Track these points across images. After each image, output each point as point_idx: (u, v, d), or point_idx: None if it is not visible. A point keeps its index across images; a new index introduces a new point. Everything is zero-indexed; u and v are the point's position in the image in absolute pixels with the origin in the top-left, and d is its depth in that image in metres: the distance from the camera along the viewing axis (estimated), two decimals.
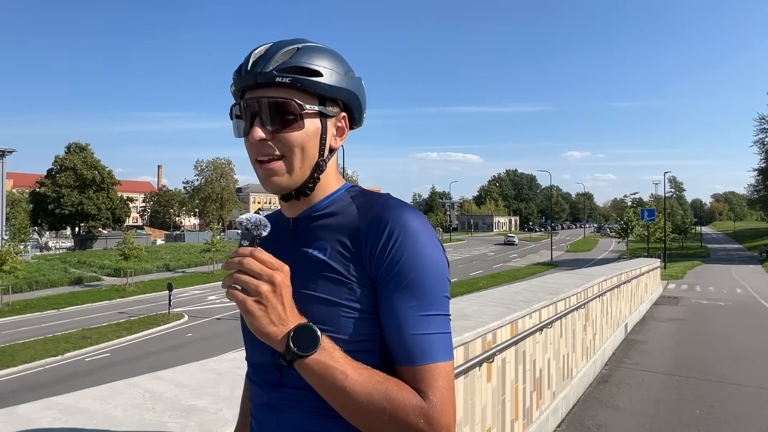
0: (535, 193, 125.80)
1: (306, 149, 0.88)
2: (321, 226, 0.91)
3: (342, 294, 0.84)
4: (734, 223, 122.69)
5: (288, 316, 0.78)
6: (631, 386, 6.23)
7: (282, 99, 0.86)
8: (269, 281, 0.76)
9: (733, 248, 65.55)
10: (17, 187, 65.90)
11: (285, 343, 0.77)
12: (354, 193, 0.95)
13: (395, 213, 0.85)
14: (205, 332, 19.73)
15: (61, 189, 51.86)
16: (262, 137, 0.86)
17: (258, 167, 0.89)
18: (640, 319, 11.10)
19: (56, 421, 1.57)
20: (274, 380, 0.89)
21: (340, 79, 0.90)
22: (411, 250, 0.83)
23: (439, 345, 0.82)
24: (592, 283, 6.44)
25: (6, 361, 15.80)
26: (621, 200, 78.13)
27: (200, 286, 32.45)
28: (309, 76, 0.87)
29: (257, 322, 0.76)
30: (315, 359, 0.77)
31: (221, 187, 74.48)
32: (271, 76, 0.85)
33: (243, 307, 0.76)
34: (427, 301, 0.83)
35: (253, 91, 0.88)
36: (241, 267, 0.76)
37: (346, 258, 0.86)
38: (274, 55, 0.87)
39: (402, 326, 0.82)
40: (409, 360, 0.81)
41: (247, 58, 0.90)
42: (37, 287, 29.95)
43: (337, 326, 0.83)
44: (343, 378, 0.77)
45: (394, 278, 0.82)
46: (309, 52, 0.88)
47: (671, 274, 28.16)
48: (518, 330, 3.74)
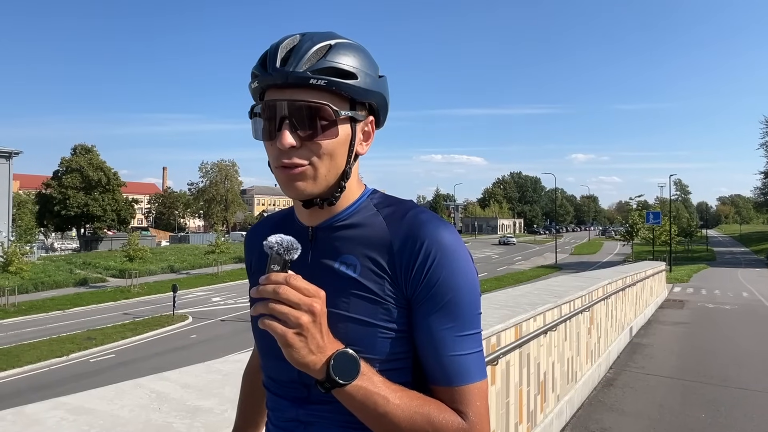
0: (539, 196, 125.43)
1: (335, 157, 0.83)
2: (345, 237, 0.86)
3: (378, 315, 0.82)
4: (740, 226, 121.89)
5: (326, 344, 0.74)
6: (636, 390, 6.20)
7: (317, 104, 0.79)
8: (309, 311, 0.72)
9: (739, 251, 65.12)
10: (24, 189, 66.33)
11: (325, 372, 0.74)
12: (377, 200, 0.91)
13: (430, 229, 0.82)
14: (210, 333, 19.77)
15: (67, 190, 52.13)
16: (292, 144, 0.79)
17: (280, 172, 0.83)
18: (646, 323, 11.05)
19: (64, 420, 1.58)
20: (301, 396, 0.86)
21: (372, 82, 0.84)
22: (448, 270, 0.81)
23: (475, 365, 0.82)
24: (597, 286, 6.42)
25: (12, 362, 15.89)
26: (626, 203, 77.85)
27: (205, 288, 32.53)
28: (343, 78, 0.80)
29: (297, 353, 0.72)
30: (356, 386, 0.75)
31: (226, 188, 74.69)
32: (305, 77, 0.78)
33: (282, 340, 0.72)
34: (464, 321, 0.82)
35: (281, 90, 0.81)
36: (277, 297, 0.71)
37: (380, 276, 0.82)
38: (306, 52, 0.79)
39: (439, 347, 0.80)
40: (446, 381, 0.80)
41: (274, 53, 0.81)
42: (43, 288, 30.07)
43: (372, 347, 0.81)
44: (384, 403, 0.75)
45: (431, 299, 0.81)
46: (342, 50, 0.82)
47: (677, 278, 28.00)
48: (522, 333, 3.73)
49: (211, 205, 74.48)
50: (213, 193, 73.96)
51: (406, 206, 0.88)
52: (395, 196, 0.92)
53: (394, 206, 0.89)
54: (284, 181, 0.83)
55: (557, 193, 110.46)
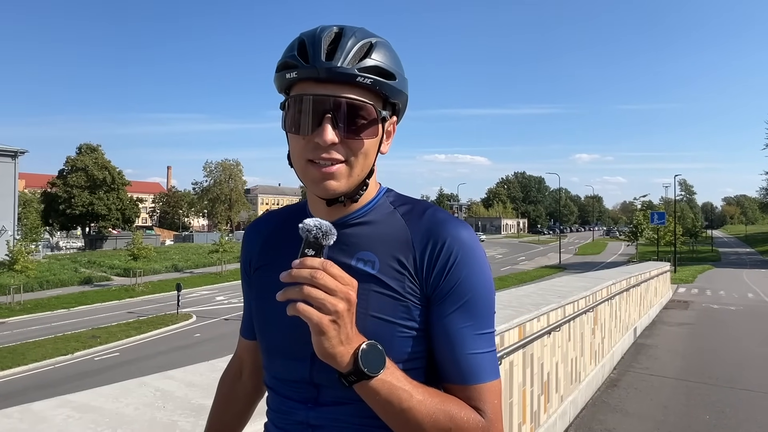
0: (543, 196, 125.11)
1: (368, 156, 0.83)
2: (363, 234, 0.85)
3: (397, 313, 0.81)
4: (746, 227, 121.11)
5: (354, 335, 0.73)
6: (640, 391, 6.18)
7: (363, 102, 0.79)
8: (346, 299, 0.71)
9: (744, 252, 64.72)
10: (29, 188, 66.67)
11: (352, 363, 0.72)
12: (393, 198, 0.91)
13: (450, 228, 0.83)
14: (213, 332, 19.81)
15: (72, 189, 52.37)
16: (334, 141, 0.77)
17: (311, 168, 0.80)
18: (650, 323, 11.01)
19: (70, 418, 1.59)
20: (310, 397, 0.84)
21: (404, 83, 0.85)
22: (469, 269, 0.81)
23: (490, 363, 0.83)
24: (601, 286, 6.40)
25: (18, 360, 15.97)
26: (630, 203, 77.50)
27: (208, 287, 32.60)
28: (385, 77, 0.80)
29: (328, 342, 0.70)
30: (381, 380, 0.73)
31: (230, 188, 74.89)
32: (352, 74, 0.77)
33: (318, 327, 0.69)
34: (483, 320, 0.83)
35: (321, 84, 0.78)
36: (314, 282, 0.69)
37: (400, 274, 0.82)
38: (351, 48, 0.78)
39: (457, 346, 0.81)
40: (462, 379, 0.81)
41: (317, 44, 0.78)
42: (48, 287, 30.21)
43: (391, 346, 0.79)
44: (408, 398, 0.74)
45: (451, 297, 0.81)
46: (383, 49, 0.81)
47: (681, 278, 27.88)
48: (526, 333, 3.72)
49: (215, 205, 74.69)
50: (217, 193, 74.17)
51: (423, 205, 0.89)
52: (410, 196, 0.93)
53: (411, 204, 0.89)
54: (316, 177, 0.80)
55: (561, 193, 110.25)
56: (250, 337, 1.04)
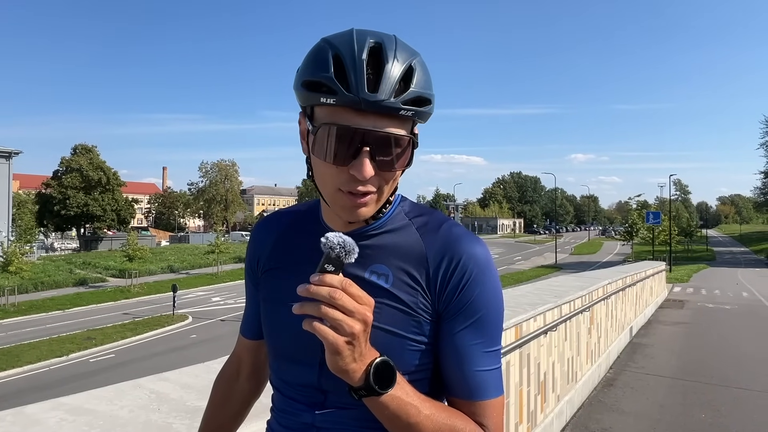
0: (539, 196, 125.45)
1: (396, 179, 0.82)
2: (377, 246, 0.84)
3: (409, 327, 0.81)
4: (740, 226, 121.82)
5: (367, 351, 0.73)
6: (636, 390, 6.20)
7: (403, 136, 0.76)
8: (362, 320, 0.70)
9: (739, 251, 65.10)
10: (24, 189, 66.30)
11: (364, 380, 0.72)
12: (408, 209, 0.89)
13: (465, 245, 0.83)
14: (209, 334, 19.77)
15: (67, 190, 52.13)
16: (372, 174, 0.75)
17: (342, 196, 0.78)
18: (646, 323, 11.05)
19: (64, 421, 1.58)
20: (317, 401, 0.85)
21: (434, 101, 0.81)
22: (482, 287, 0.82)
23: (496, 380, 0.83)
24: (597, 286, 6.42)
25: (12, 362, 15.90)
26: (626, 203, 77.87)
27: (204, 288, 32.53)
28: (424, 105, 0.77)
29: (342, 361, 0.70)
30: (391, 395, 0.73)
31: (226, 188, 74.74)
32: (397, 108, 0.73)
33: (333, 348, 0.69)
34: (492, 337, 0.83)
35: (363, 114, 0.73)
36: (333, 301, 0.68)
37: (413, 288, 0.82)
38: (394, 77, 0.73)
39: (466, 362, 0.81)
40: (468, 395, 0.81)
41: (358, 70, 0.72)
42: (43, 288, 30.07)
43: (401, 359, 0.79)
44: (416, 413, 0.75)
45: (462, 314, 0.81)
46: (421, 71, 0.78)
47: (677, 278, 27.99)
48: (522, 333, 3.73)
49: (210, 205, 74.52)
50: (213, 193, 74.00)
51: (438, 218, 0.88)
52: (424, 205, 0.92)
53: (426, 216, 0.88)
54: (347, 205, 0.78)
55: (557, 193, 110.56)
56: (251, 336, 1.03)
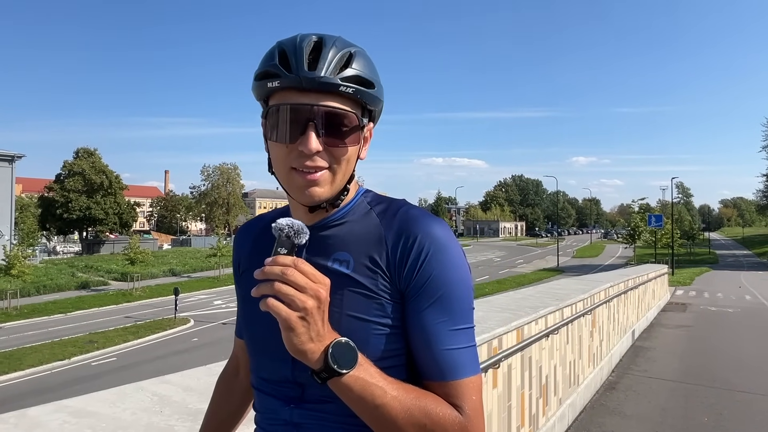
0: (541, 199, 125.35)
1: (350, 162, 0.85)
2: (339, 235, 0.86)
3: (371, 310, 0.81)
4: (743, 229, 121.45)
5: (325, 332, 0.74)
6: (638, 393, 6.19)
7: (346, 111, 0.81)
8: (315, 296, 0.72)
9: (741, 254, 64.89)
10: (26, 192, 66.52)
11: (323, 360, 0.73)
12: (370, 198, 0.92)
13: (423, 224, 0.83)
14: (211, 337, 19.75)
15: (70, 194, 52.22)
16: (318, 149, 0.79)
17: (295, 175, 0.81)
18: (648, 326, 11.02)
19: (66, 423, 1.58)
20: (294, 396, 0.85)
21: (381, 91, 0.87)
22: (442, 264, 0.81)
23: (469, 359, 0.82)
24: (599, 289, 6.41)
25: (14, 365, 15.89)
26: (628, 206, 77.62)
27: (206, 291, 32.51)
28: (366, 86, 0.82)
29: (297, 339, 0.71)
30: (354, 376, 0.74)
31: (227, 192, 74.77)
32: (335, 84, 0.79)
33: (286, 323, 0.71)
34: (458, 315, 0.82)
35: (304, 93, 0.79)
36: (284, 278, 0.70)
37: (373, 272, 0.82)
38: (332, 58, 0.80)
39: (433, 342, 0.81)
40: (440, 375, 0.80)
41: (299, 54, 0.80)
42: (45, 291, 30.07)
43: (366, 343, 0.79)
44: (382, 394, 0.74)
45: (424, 293, 0.81)
46: (362, 59, 0.83)
47: (679, 281, 27.92)
48: (524, 336, 3.72)
49: (212, 208, 74.55)
50: (215, 196, 74.05)
51: (398, 203, 0.90)
52: (388, 196, 0.93)
53: (386, 203, 0.90)
54: (299, 184, 0.81)
55: (559, 196, 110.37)
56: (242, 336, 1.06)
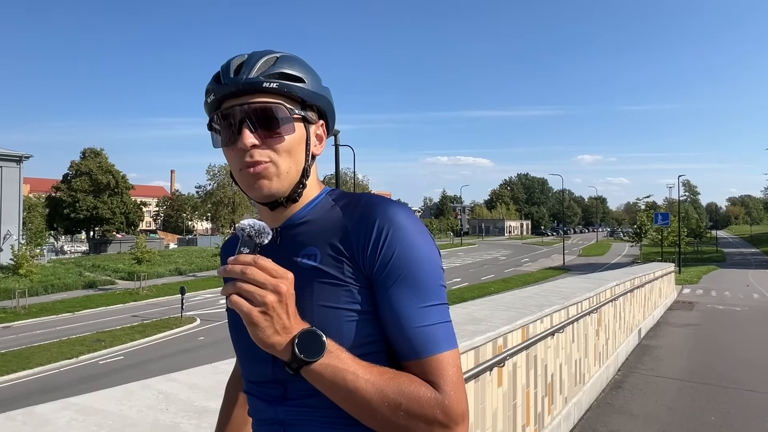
0: (546, 197, 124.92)
1: (294, 154, 0.88)
2: (306, 232, 0.89)
3: (341, 298, 0.83)
4: (751, 227, 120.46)
5: (292, 324, 0.76)
6: (645, 392, 6.16)
7: (271, 103, 0.85)
8: (275, 291, 0.74)
9: (749, 252, 64.36)
10: (34, 192, 66.96)
11: (290, 351, 0.75)
12: (335, 196, 0.94)
13: (381, 208, 0.85)
14: (217, 336, 19.82)
15: (77, 194, 52.57)
16: (254, 143, 0.84)
17: (244, 174, 0.86)
18: (654, 325, 10.97)
19: (73, 421, 1.60)
20: (278, 395, 0.86)
21: (318, 86, 0.92)
22: (402, 244, 0.82)
23: (442, 334, 0.82)
24: (605, 287, 6.39)
25: (22, 364, 16.03)
26: (634, 204, 77.20)
27: (212, 290, 32.62)
28: (293, 81, 0.87)
29: (261, 333, 0.74)
30: (323, 364, 0.75)
31: (233, 191, 74.98)
32: (258, 81, 0.85)
33: (248, 318, 0.73)
34: (425, 292, 0.82)
35: (236, 98, 0.86)
36: (245, 276, 0.73)
37: (339, 261, 0.84)
38: (255, 63, 0.86)
39: (403, 321, 0.81)
40: (415, 354, 0.80)
41: (227, 67, 0.88)
42: (53, 291, 30.29)
43: (340, 332, 0.81)
44: (354, 379, 0.76)
45: (389, 274, 0.82)
46: (289, 60, 0.89)
47: (686, 279, 27.77)
48: (529, 334, 3.72)
49: (218, 208, 74.82)
50: (220, 196, 74.28)
51: (361, 196, 0.92)
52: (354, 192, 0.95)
53: (350, 198, 0.92)
54: (249, 181, 0.86)
55: (564, 195, 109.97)
56: None
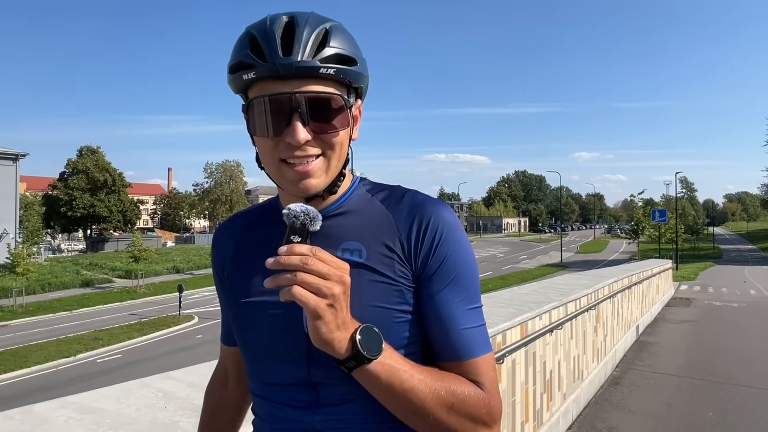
0: (544, 194, 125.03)
1: (343, 146, 0.81)
2: (345, 224, 0.84)
3: (391, 298, 0.80)
4: (747, 224, 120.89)
5: (349, 319, 0.72)
6: (642, 388, 6.17)
7: (329, 94, 0.76)
8: (341, 282, 0.69)
9: (746, 249, 64.61)
10: (30, 191, 66.74)
11: (351, 348, 0.71)
12: (368, 186, 0.90)
13: (432, 208, 0.83)
14: (215, 333, 19.75)
15: (73, 192, 52.39)
16: (307, 139, 0.75)
17: (285, 168, 0.78)
18: (652, 321, 10.99)
19: (71, 419, 1.59)
20: (309, 400, 0.80)
21: (365, 66, 0.83)
22: (455, 245, 0.82)
23: (484, 337, 0.83)
24: (603, 284, 6.39)
25: (20, 362, 15.99)
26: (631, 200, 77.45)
27: (210, 288, 32.47)
28: (347, 64, 0.78)
29: (325, 327, 0.68)
30: (380, 362, 0.72)
31: (231, 189, 74.86)
32: (314, 67, 0.74)
33: (315, 311, 0.67)
34: (471, 295, 0.83)
35: (283, 81, 0.75)
36: (306, 267, 0.67)
37: (389, 258, 0.81)
38: (308, 38, 0.74)
39: (451, 322, 0.81)
40: (458, 355, 0.80)
41: (271, 40, 0.74)
42: (50, 289, 30.23)
43: (388, 333, 0.77)
44: (409, 378, 0.73)
45: (441, 275, 0.81)
46: (339, 34, 0.78)
47: (683, 276, 27.86)
48: (528, 331, 3.72)
49: (216, 206, 74.66)
50: (218, 194, 74.14)
51: (400, 189, 0.89)
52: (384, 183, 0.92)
53: (388, 190, 0.89)
54: (293, 178, 0.78)
55: (562, 192, 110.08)
56: (232, 343, 0.99)
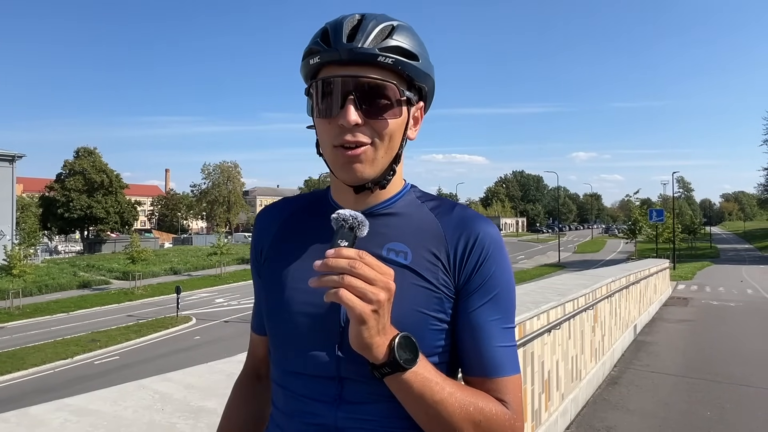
0: (542, 194, 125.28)
1: (393, 138, 0.82)
2: (393, 225, 0.85)
3: (431, 305, 0.80)
4: (744, 223, 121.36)
5: (388, 326, 0.72)
6: (641, 388, 6.18)
7: (385, 82, 0.79)
8: (386, 288, 0.70)
9: (743, 248, 64.87)
10: (27, 192, 66.58)
11: (388, 354, 0.71)
12: (419, 194, 0.92)
13: (482, 225, 0.84)
14: (213, 335, 19.79)
15: (70, 193, 52.29)
16: (357, 122, 0.77)
17: (338, 152, 0.80)
18: (650, 321, 11.01)
19: (68, 422, 1.58)
20: (332, 394, 0.80)
21: (429, 65, 0.85)
22: (499, 264, 0.83)
23: (515, 358, 0.84)
24: (601, 284, 6.40)
25: (17, 364, 15.94)
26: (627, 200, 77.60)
27: (208, 289, 32.56)
28: (408, 58, 0.80)
29: (367, 332, 0.69)
30: (414, 372, 0.73)
31: (228, 190, 74.89)
32: (373, 53, 0.77)
33: (360, 316, 0.68)
34: (509, 314, 0.84)
35: (344, 66, 0.79)
36: (353, 271, 0.68)
37: (434, 265, 0.82)
38: (372, 30, 0.79)
39: (486, 339, 0.81)
40: (488, 372, 0.81)
41: (338, 28, 0.79)
42: (47, 291, 30.17)
43: (422, 338, 0.77)
44: (440, 390, 0.74)
45: (481, 291, 0.82)
46: (405, 31, 0.82)
47: (681, 275, 27.90)
48: (526, 331, 3.72)
49: (213, 207, 74.68)
50: (215, 195, 74.16)
51: (450, 202, 0.91)
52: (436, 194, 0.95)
53: (438, 201, 0.91)
54: (343, 163, 0.80)
55: (560, 192, 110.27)
56: (263, 332, 0.97)
